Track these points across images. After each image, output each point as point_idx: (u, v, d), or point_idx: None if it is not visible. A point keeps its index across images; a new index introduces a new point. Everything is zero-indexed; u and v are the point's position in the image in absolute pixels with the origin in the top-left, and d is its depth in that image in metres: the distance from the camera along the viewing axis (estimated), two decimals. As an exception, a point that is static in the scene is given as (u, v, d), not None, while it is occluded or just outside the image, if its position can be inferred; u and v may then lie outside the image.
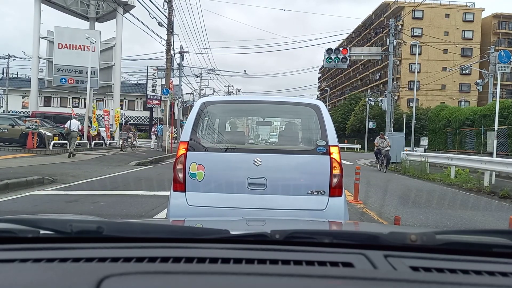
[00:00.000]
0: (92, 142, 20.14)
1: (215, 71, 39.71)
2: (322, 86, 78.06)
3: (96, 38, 21.43)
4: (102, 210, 6.17)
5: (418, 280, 0.85)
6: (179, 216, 3.21)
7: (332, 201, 3.26)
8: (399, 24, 35.12)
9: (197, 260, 0.93)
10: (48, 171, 9.92)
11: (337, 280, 0.86)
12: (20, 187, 7.78)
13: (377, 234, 1.16)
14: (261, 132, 8.98)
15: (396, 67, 38.10)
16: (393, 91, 23.65)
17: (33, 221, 1.14)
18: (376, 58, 29.81)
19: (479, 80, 26.53)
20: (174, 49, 24.91)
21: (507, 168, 10.40)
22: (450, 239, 1.09)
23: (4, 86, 41.90)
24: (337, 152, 3.33)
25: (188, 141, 3.34)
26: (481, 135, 19.35)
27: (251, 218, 2.06)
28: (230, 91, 53.43)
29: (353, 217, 5.84)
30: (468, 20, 53.13)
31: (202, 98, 6.24)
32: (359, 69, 66.64)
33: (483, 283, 0.87)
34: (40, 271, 0.88)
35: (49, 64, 23.54)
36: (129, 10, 23.02)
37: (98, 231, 1.07)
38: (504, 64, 13.76)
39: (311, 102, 3.76)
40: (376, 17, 59.58)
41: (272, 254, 1.00)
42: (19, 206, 6.29)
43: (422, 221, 6.24)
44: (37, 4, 22.47)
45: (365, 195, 8.49)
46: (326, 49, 16.98)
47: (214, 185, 3.31)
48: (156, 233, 1.16)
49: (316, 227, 1.83)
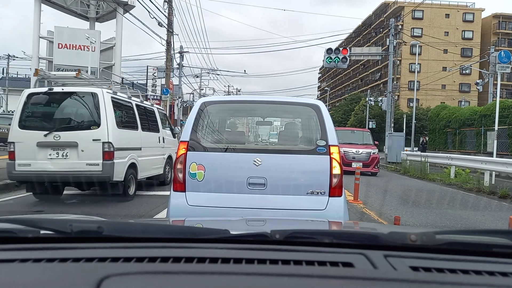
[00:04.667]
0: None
1: (215, 71, 39.68)
2: (322, 86, 78.04)
3: (96, 38, 21.44)
4: (102, 210, 6.17)
5: (418, 280, 0.85)
6: (179, 216, 3.20)
7: (332, 201, 3.26)
8: (399, 24, 35.16)
9: (197, 260, 0.93)
10: (48, 171, 9.91)
11: (337, 280, 0.86)
12: (20, 187, 7.77)
13: (377, 234, 1.16)
14: (261, 132, 8.99)
15: (396, 67, 38.14)
16: (393, 91, 23.65)
17: (33, 221, 1.14)
18: (376, 58, 29.81)
19: (479, 80, 26.51)
20: (174, 49, 24.91)
21: (507, 168, 10.40)
22: (450, 239, 1.09)
23: (4, 86, 41.91)
24: (337, 152, 3.33)
25: (188, 141, 3.34)
26: (481, 135, 19.36)
27: (251, 218, 2.06)
28: (230, 91, 53.42)
29: (353, 217, 5.84)
30: (468, 20, 53.12)
31: (202, 98, 6.22)
32: (359, 69, 66.63)
33: (483, 283, 0.87)
34: (40, 271, 0.88)
35: (49, 64, 23.51)
36: (129, 10, 23.01)
37: (98, 231, 1.07)
38: (504, 64, 13.76)
39: (311, 102, 3.76)
40: (376, 17, 59.56)
41: (272, 254, 1.00)
42: (19, 206, 6.29)
43: (422, 221, 6.24)
44: (37, 4, 22.46)
45: (365, 195, 8.50)
46: (326, 49, 16.97)
47: (214, 185, 3.31)
48: (156, 233, 1.16)
49: (316, 227, 1.83)
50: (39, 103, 6.34)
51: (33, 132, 6.14)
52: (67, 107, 6.44)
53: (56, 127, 6.15)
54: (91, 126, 6.20)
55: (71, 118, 6.38)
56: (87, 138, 6.13)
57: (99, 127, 6.14)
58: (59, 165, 6.11)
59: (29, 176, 6.13)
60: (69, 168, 6.10)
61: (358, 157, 14.07)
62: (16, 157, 6.13)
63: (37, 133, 6.12)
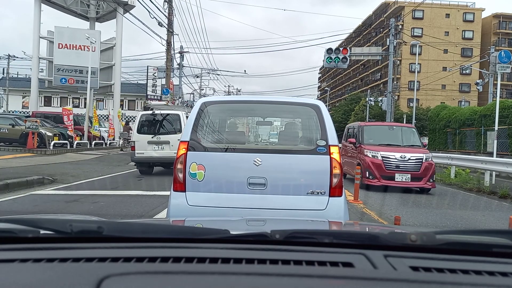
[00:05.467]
0: (93, 142, 20.15)
1: (215, 71, 39.71)
2: (322, 86, 78.06)
3: (96, 38, 21.43)
4: (102, 210, 6.17)
5: (418, 280, 0.85)
6: (179, 216, 3.20)
7: (332, 201, 3.26)
8: (399, 24, 35.15)
9: (197, 260, 0.93)
10: (48, 171, 9.93)
11: (337, 280, 0.86)
12: (20, 187, 7.78)
13: (377, 234, 1.16)
14: (261, 132, 8.98)
15: (396, 67, 38.09)
16: (393, 91, 23.65)
17: (33, 221, 1.14)
18: (376, 58, 29.80)
19: (479, 80, 26.54)
20: (174, 49, 24.95)
21: (507, 168, 10.40)
22: (450, 239, 1.09)
23: (4, 86, 41.90)
24: (337, 152, 3.33)
25: (188, 141, 3.34)
26: (481, 135, 19.37)
27: (251, 218, 2.06)
28: (230, 91, 53.42)
29: (353, 217, 5.84)
30: (468, 20, 53.11)
31: (202, 98, 6.31)
32: (359, 69, 66.62)
33: (483, 283, 0.87)
34: (40, 271, 0.88)
35: (49, 64, 23.54)
36: (129, 10, 23.03)
37: (98, 231, 1.07)
38: (504, 64, 13.77)
39: (311, 102, 3.76)
40: (376, 17, 59.56)
41: (272, 254, 1.00)
42: (19, 206, 6.30)
43: (422, 221, 6.24)
44: (37, 4, 22.46)
45: (365, 195, 8.50)
46: (326, 49, 16.97)
47: (214, 185, 3.31)
48: (156, 233, 1.16)
49: (316, 227, 1.83)
50: (147, 119, 11.07)
51: (145, 135, 10.79)
52: (163, 121, 11.07)
53: (157, 133, 10.80)
54: (176, 131, 10.52)
55: (166, 127, 10.99)
56: (175, 138, 10.22)
57: (181, 132, 8.86)
58: (159, 154, 10.66)
59: (142, 160, 10.73)
60: (164, 155, 10.57)
61: (405, 165, 9.51)
62: (136, 149, 10.68)
63: (147, 136, 10.77)
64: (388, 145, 10.27)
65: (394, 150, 9.82)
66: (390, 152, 9.71)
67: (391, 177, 9.45)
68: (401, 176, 9.44)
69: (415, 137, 10.96)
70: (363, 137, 10.64)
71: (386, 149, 9.87)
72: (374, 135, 10.84)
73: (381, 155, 9.66)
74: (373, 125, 12.45)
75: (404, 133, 11.07)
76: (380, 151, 9.76)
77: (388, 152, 9.71)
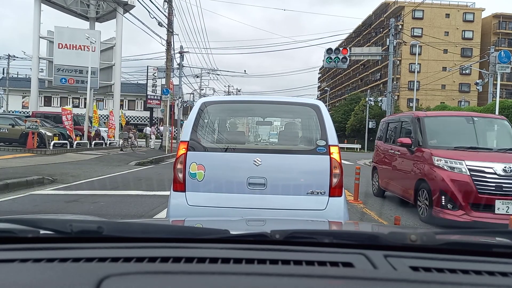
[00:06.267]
0: (92, 142, 20.15)
1: (215, 71, 39.69)
2: (322, 86, 78.04)
3: (96, 38, 21.42)
4: (102, 210, 6.17)
5: (418, 280, 0.85)
6: (179, 216, 3.21)
7: (332, 201, 3.26)
8: (399, 24, 35.16)
9: (197, 260, 0.93)
10: (48, 171, 9.92)
11: (337, 280, 0.86)
12: (20, 187, 7.78)
13: (377, 234, 1.16)
14: (261, 132, 8.98)
15: (396, 67, 38.13)
16: (393, 91, 23.65)
17: (33, 221, 1.14)
18: (376, 58, 29.79)
19: (479, 80, 26.52)
20: (174, 49, 24.91)
21: None
22: (450, 239, 1.09)
23: (4, 86, 41.95)
24: (337, 152, 3.33)
25: (188, 141, 3.34)
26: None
27: (251, 218, 2.06)
28: (230, 91, 53.42)
29: (353, 217, 5.84)
30: (468, 20, 53.12)
31: (202, 98, 6.32)
32: (359, 69, 66.63)
33: (483, 283, 0.87)
34: (40, 271, 0.88)
35: (49, 64, 23.52)
36: (129, 10, 23.00)
37: (98, 231, 1.07)
38: (504, 64, 13.78)
39: (311, 102, 3.76)
40: (376, 17, 59.57)
41: (272, 254, 1.00)
42: (19, 206, 6.30)
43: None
44: (37, 4, 22.45)
45: (365, 195, 8.50)
46: (326, 49, 16.96)
47: (214, 185, 3.31)
48: (156, 233, 1.16)
49: (316, 227, 1.83)
50: None
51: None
52: None
53: None
54: None
55: None
56: None
57: None
58: None
59: None
60: None
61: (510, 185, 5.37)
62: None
63: None
64: (472, 149, 6.09)
65: (488, 158, 5.67)
66: (483, 162, 5.59)
67: (487, 206, 5.39)
68: (504, 205, 5.34)
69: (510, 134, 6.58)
70: (426, 136, 6.45)
71: (473, 157, 5.75)
72: (443, 133, 6.64)
73: (467, 167, 5.57)
74: (441, 116, 7.61)
75: (494, 129, 6.80)
76: (465, 160, 5.65)
77: (479, 162, 5.60)
